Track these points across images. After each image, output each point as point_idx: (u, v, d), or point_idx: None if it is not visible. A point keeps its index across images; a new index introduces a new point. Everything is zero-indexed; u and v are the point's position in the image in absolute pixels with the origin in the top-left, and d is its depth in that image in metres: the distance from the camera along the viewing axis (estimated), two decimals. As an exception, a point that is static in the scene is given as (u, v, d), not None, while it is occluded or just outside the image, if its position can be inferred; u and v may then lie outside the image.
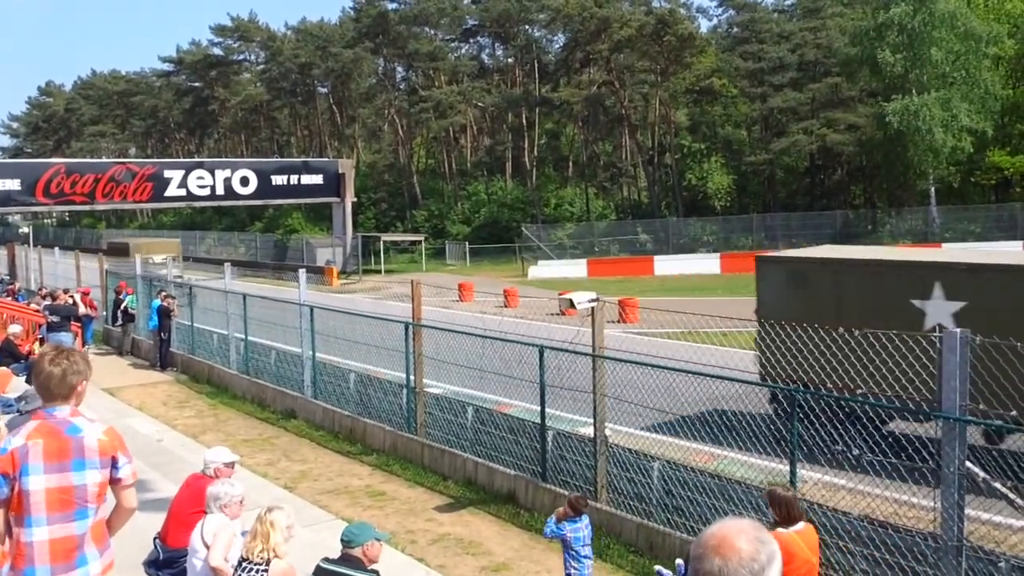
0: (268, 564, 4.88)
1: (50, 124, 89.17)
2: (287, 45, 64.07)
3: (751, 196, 52.66)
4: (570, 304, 9.01)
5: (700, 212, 48.44)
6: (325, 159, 54.08)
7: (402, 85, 63.49)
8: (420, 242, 48.57)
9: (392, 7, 58.61)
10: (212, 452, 6.38)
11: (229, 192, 41.62)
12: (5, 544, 3.82)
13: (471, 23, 60.83)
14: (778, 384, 9.63)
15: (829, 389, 6.93)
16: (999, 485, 6.51)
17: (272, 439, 12.40)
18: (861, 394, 8.81)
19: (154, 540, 6.17)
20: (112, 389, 15.62)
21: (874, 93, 43.52)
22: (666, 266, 38.63)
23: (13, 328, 14.98)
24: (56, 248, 33.38)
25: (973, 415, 6.28)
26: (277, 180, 42.90)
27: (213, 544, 5.31)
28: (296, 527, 5.41)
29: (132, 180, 38.81)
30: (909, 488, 6.66)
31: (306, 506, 9.24)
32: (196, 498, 5.91)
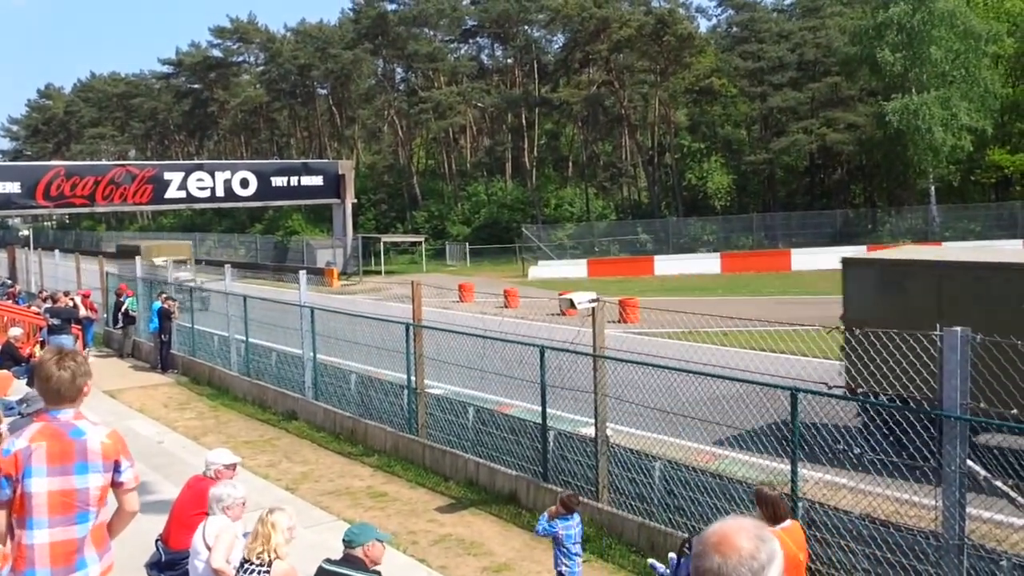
0: (270, 565, 4.88)
1: (50, 127, 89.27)
2: (286, 46, 64.09)
3: (751, 196, 52.67)
4: (570, 304, 8.99)
5: (700, 212, 48.46)
6: (325, 160, 54.08)
7: (402, 86, 63.51)
8: (420, 243, 48.56)
9: (391, 8, 58.67)
10: (213, 454, 6.39)
11: (229, 194, 41.63)
12: (6, 545, 3.82)
13: (470, 24, 60.85)
14: (872, 399, 8.42)
15: (935, 405, 6.24)
16: (1000, 483, 6.51)
17: (273, 440, 12.41)
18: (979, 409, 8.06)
19: (156, 542, 6.18)
20: (113, 391, 15.63)
21: (874, 92, 43.53)
22: (666, 266, 38.60)
23: (14, 331, 14.97)
24: (56, 251, 33.38)
25: (975, 414, 6.27)
26: (277, 182, 42.91)
27: (215, 546, 5.31)
28: (298, 528, 5.41)
29: (132, 182, 38.81)
30: (910, 487, 6.65)
31: (307, 507, 9.24)
32: (198, 500, 5.91)
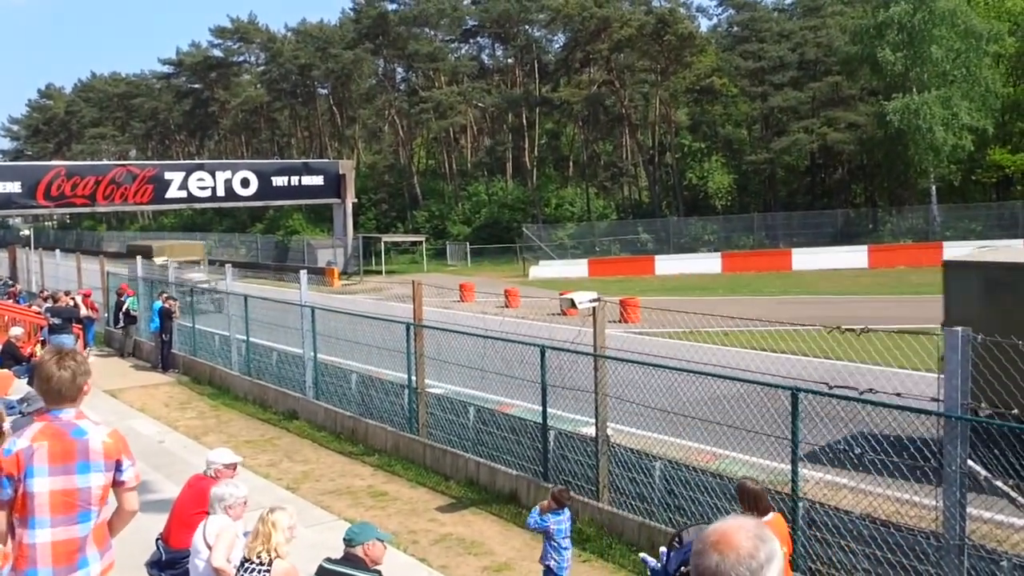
0: (270, 564, 4.89)
1: (50, 127, 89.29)
2: (287, 46, 64.09)
3: (752, 195, 52.64)
4: (571, 304, 8.99)
5: (701, 211, 48.44)
6: (325, 160, 54.08)
7: (402, 86, 63.51)
8: (421, 243, 48.57)
9: (392, 8, 58.67)
10: (214, 453, 6.40)
11: (230, 193, 41.64)
12: (7, 545, 3.83)
13: (471, 24, 60.83)
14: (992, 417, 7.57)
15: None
16: (1001, 484, 6.51)
17: (274, 440, 12.41)
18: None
19: (156, 541, 6.19)
20: (114, 391, 15.64)
21: (874, 92, 43.50)
22: (667, 266, 38.58)
23: (15, 330, 14.97)
24: (57, 250, 33.38)
25: (974, 414, 6.27)
26: (278, 181, 42.92)
27: (215, 545, 5.31)
28: (298, 528, 5.42)
29: (133, 182, 38.82)
30: (911, 487, 6.65)
31: (308, 507, 9.24)
32: (198, 499, 5.91)
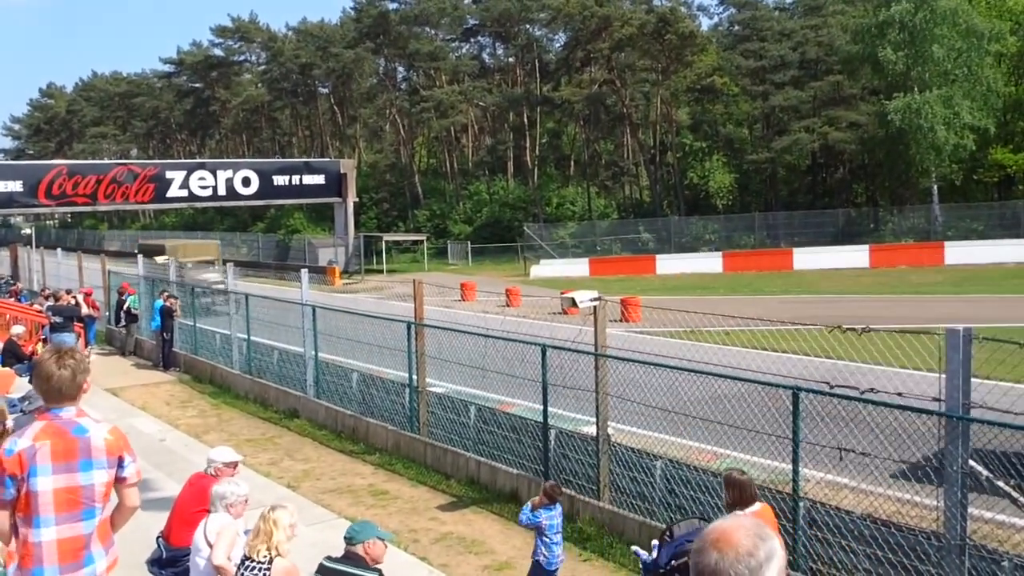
0: (271, 563, 4.89)
1: (52, 126, 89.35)
2: (288, 46, 64.10)
3: (753, 195, 52.60)
4: (572, 303, 8.97)
5: (702, 211, 48.41)
6: (327, 159, 54.10)
7: (403, 85, 63.49)
8: (422, 242, 48.58)
9: (393, 7, 58.67)
10: (215, 452, 6.39)
11: (231, 193, 41.64)
12: (11, 544, 3.83)
13: (472, 23, 60.82)
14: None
15: None
16: (1003, 484, 6.50)
17: (275, 438, 12.42)
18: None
19: (157, 539, 6.19)
20: (115, 389, 15.65)
21: (876, 91, 43.44)
22: (668, 265, 38.57)
23: (16, 329, 15.00)
24: (58, 249, 33.41)
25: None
26: (279, 180, 42.91)
27: (216, 543, 5.31)
28: (299, 526, 5.42)
29: (134, 181, 38.83)
30: (912, 487, 6.64)
31: (309, 505, 9.24)
32: (199, 497, 5.92)
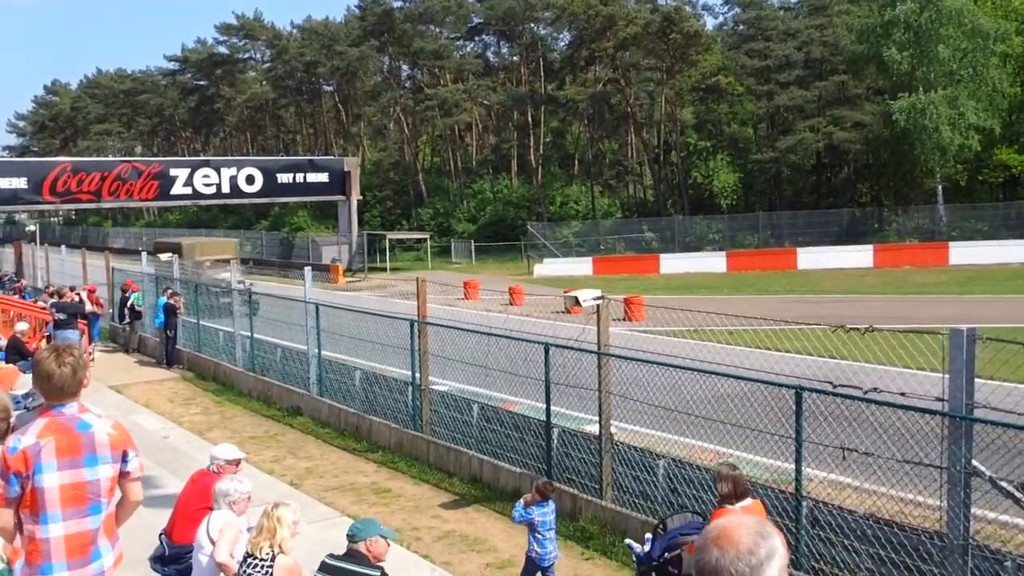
0: (273, 560, 4.90)
1: (56, 123, 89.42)
2: (292, 44, 64.13)
3: (757, 194, 52.52)
4: (575, 302, 9.00)
5: (706, 210, 48.35)
6: (330, 157, 54.07)
7: (407, 83, 63.52)
8: (425, 240, 48.61)
9: (397, 5, 58.72)
10: (218, 449, 6.40)
11: (235, 190, 41.67)
12: (15, 541, 3.84)
13: (476, 21, 60.82)
14: None
15: None
16: (1006, 483, 6.48)
17: (278, 436, 12.44)
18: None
19: (160, 536, 6.20)
20: (119, 386, 15.68)
21: (881, 91, 43.37)
22: (672, 264, 38.54)
23: (20, 326, 15.01)
24: (63, 246, 33.46)
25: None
26: (283, 178, 42.92)
27: (219, 540, 5.32)
28: (302, 524, 5.43)
29: (138, 178, 38.87)
30: (915, 487, 6.64)
31: (312, 503, 9.26)
32: (202, 494, 5.92)
